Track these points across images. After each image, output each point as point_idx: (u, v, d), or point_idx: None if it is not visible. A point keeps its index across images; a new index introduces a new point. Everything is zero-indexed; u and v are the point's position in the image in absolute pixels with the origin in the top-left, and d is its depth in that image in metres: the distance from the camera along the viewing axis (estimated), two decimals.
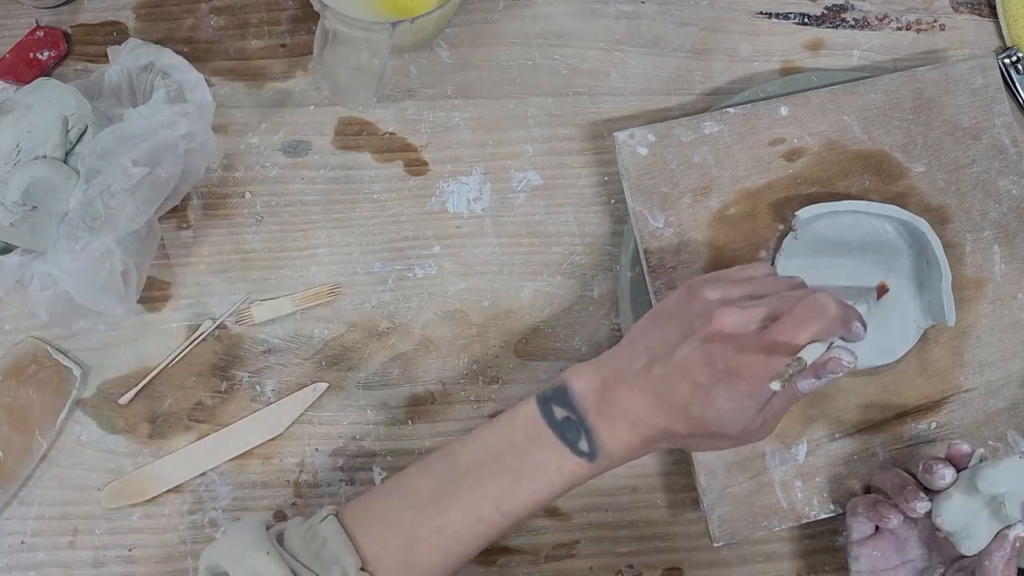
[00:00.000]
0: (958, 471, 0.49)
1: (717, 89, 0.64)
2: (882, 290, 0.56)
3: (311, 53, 0.61)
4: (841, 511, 0.55)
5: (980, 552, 0.48)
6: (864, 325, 0.47)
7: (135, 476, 0.57)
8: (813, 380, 0.46)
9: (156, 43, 0.55)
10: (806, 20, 0.65)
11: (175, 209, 0.59)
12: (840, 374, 0.46)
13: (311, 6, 0.61)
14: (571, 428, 0.46)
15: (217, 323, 0.59)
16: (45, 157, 0.51)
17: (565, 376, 0.47)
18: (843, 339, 0.46)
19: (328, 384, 0.59)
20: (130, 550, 0.57)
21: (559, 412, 0.46)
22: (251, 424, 0.58)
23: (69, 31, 0.61)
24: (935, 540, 0.51)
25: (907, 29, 0.66)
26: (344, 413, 0.59)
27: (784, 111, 0.59)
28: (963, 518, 0.48)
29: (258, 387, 0.59)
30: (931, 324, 0.56)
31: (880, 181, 0.58)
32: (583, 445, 0.45)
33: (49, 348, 0.57)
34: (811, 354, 0.44)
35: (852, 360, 0.45)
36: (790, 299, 0.46)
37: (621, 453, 0.46)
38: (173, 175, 0.53)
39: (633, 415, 0.46)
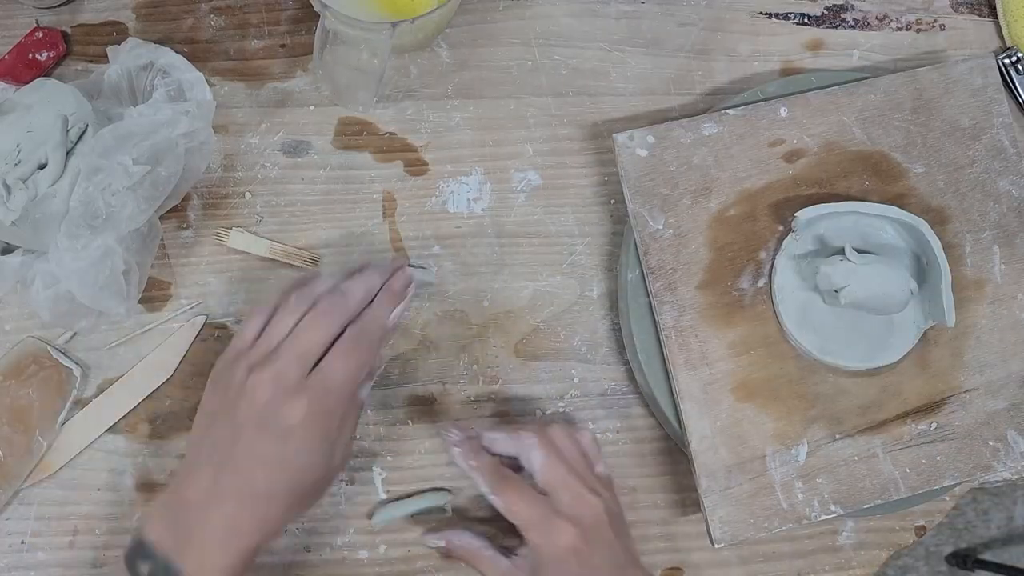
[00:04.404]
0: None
1: (717, 89, 0.64)
2: None
3: (311, 53, 0.61)
4: (842, 512, 0.55)
5: None
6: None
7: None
8: (398, 309, 0.51)
9: (156, 43, 0.55)
10: (806, 20, 0.65)
11: (175, 209, 0.59)
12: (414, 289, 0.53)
13: (311, 6, 0.61)
14: None
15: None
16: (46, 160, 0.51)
17: (142, 524, 0.46)
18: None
19: None
20: None
21: (144, 567, 0.44)
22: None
23: (69, 31, 0.61)
24: None
25: (907, 29, 0.66)
26: None
27: (783, 112, 0.59)
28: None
29: None
30: (931, 324, 0.56)
31: (879, 182, 0.59)
32: None
33: (49, 348, 0.57)
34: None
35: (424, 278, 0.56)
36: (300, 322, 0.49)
37: None
38: (174, 173, 0.53)
39: (220, 535, 0.44)
